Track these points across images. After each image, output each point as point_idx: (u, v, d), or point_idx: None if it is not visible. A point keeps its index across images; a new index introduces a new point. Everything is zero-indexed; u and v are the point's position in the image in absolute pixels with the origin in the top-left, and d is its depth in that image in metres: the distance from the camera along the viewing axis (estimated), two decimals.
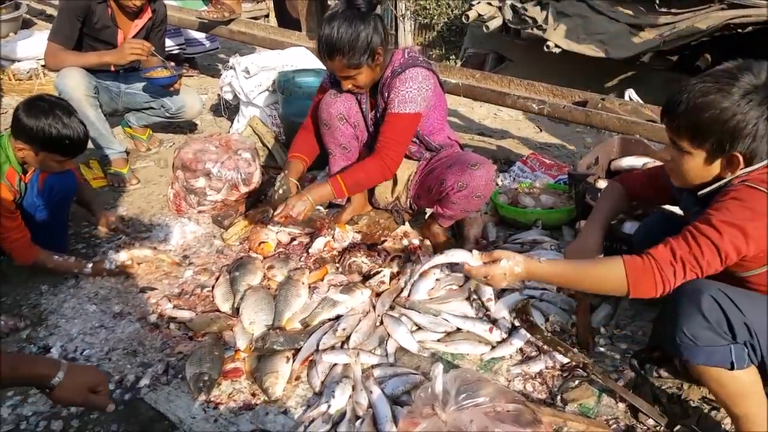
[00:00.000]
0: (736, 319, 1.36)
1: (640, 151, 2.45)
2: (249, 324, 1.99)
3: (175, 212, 2.74)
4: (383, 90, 2.22)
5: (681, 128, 1.42)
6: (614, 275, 1.43)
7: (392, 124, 2.19)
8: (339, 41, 2.04)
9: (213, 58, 5.13)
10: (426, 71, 2.19)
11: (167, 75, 2.96)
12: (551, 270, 1.53)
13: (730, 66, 1.39)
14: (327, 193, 2.25)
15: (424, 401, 1.59)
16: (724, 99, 1.33)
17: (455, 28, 7.15)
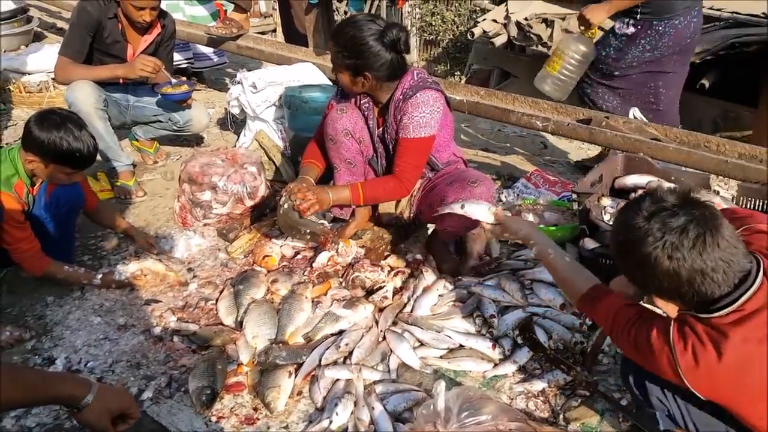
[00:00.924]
0: None
1: (644, 170, 2.46)
2: (252, 338, 2.00)
3: (181, 225, 2.76)
4: (395, 113, 2.26)
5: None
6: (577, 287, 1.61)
7: (409, 149, 2.24)
8: (343, 35, 2.14)
9: (220, 73, 5.19)
10: (436, 93, 2.23)
11: (181, 91, 3.01)
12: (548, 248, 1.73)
13: None
14: (345, 196, 2.30)
15: (426, 418, 1.59)
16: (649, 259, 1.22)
17: (460, 45, 7.22)
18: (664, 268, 1.19)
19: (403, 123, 2.22)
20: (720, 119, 5.38)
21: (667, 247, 1.17)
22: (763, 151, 2.61)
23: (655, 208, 1.21)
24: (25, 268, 2.20)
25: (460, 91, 3.21)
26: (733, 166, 2.45)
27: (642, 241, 1.20)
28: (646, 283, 1.28)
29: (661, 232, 1.17)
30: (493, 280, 2.28)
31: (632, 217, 1.22)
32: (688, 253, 1.16)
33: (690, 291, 1.21)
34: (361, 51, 2.11)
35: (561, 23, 5.22)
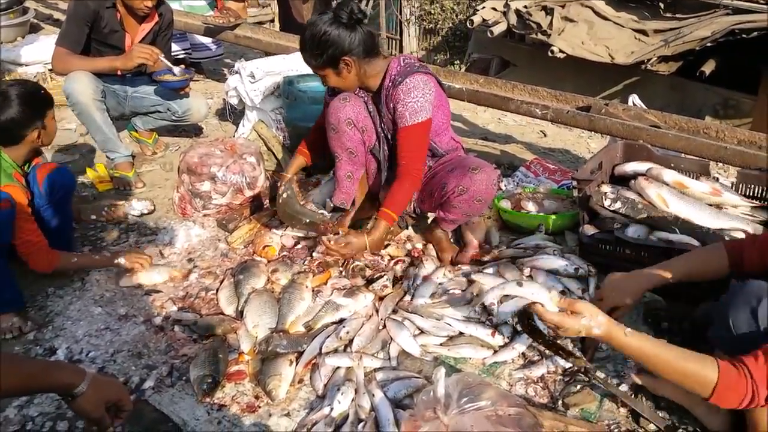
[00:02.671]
0: None
1: (644, 157, 2.46)
2: (253, 327, 2.01)
3: (181, 216, 2.76)
4: (387, 101, 2.26)
5: None
6: (702, 378, 1.29)
7: (409, 137, 2.24)
8: (304, 41, 2.16)
9: (219, 63, 5.16)
10: (424, 75, 2.23)
11: (179, 79, 3.00)
12: (634, 345, 1.37)
13: None
14: (384, 229, 2.29)
15: (426, 405, 1.60)
16: None
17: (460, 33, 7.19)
18: None
19: (398, 112, 2.21)
20: (720, 107, 5.37)
21: None
22: (762, 137, 2.60)
23: None
24: (34, 265, 2.12)
25: (459, 79, 3.20)
26: (732, 152, 2.45)
27: None
28: None
29: None
30: (493, 268, 2.29)
31: None
32: None
33: None
34: (326, 41, 2.13)
35: (561, 11, 5.19)
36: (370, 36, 2.21)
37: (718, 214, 2.17)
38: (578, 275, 2.18)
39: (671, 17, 5.24)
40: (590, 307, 1.41)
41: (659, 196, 2.16)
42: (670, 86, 5.43)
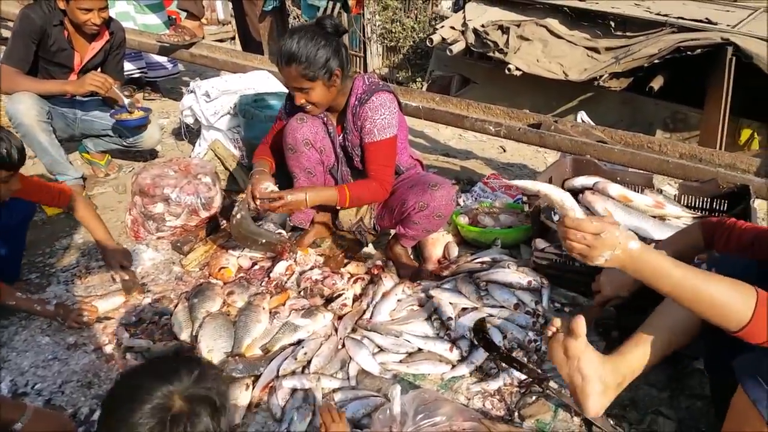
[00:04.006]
0: None
1: (591, 171, 2.55)
2: (207, 352, 1.97)
3: (133, 239, 2.70)
4: (354, 119, 2.28)
5: None
6: (742, 299, 1.18)
7: (377, 152, 2.27)
8: (298, 50, 2.09)
9: (176, 81, 5.11)
10: (389, 95, 2.28)
11: (137, 117, 2.97)
12: (670, 265, 1.23)
13: None
14: (329, 196, 2.27)
15: (383, 423, 1.60)
16: None
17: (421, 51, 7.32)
18: None
19: (366, 128, 2.24)
20: (670, 121, 5.60)
21: None
22: (703, 150, 2.73)
23: None
24: None
25: (416, 97, 3.26)
26: (674, 165, 2.56)
27: None
28: None
29: None
30: (451, 283, 2.32)
31: None
32: None
33: None
34: (325, 51, 2.11)
35: (516, 30, 5.34)
36: (346, 49, 2.24)
37: (661, 225, 2.26)
38: (531, 288, 2.23)
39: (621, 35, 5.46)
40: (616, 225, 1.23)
41: (605, 209, 2.24)
42: (622, 101, 5.64)
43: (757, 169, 2.59)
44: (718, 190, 2.41)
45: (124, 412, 1.03)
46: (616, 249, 1.22)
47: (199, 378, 1.10)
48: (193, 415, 1.05)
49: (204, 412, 1.07)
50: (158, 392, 1.05)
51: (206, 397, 1.09)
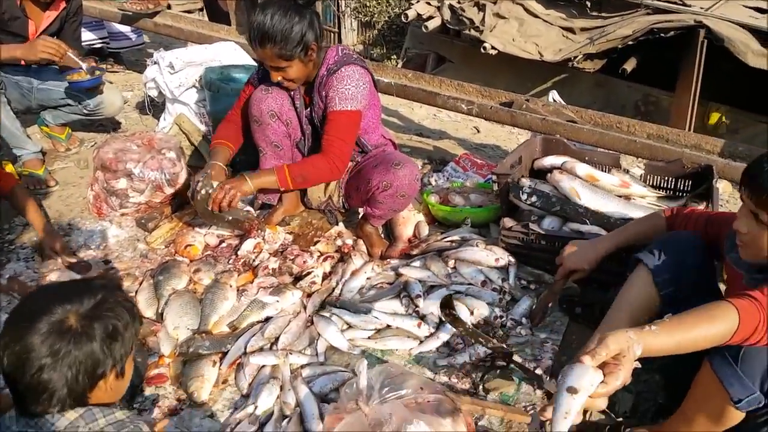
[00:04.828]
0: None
1: (561, 151, 2.57)
2: (173, 329, 1.95)
3: (96, 215, 2.62)
4: (320, 89, 2.21)
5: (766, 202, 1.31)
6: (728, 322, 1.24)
7: (335, 121, 2.19)
8: (272, 29, 2.02)
9: (141, 53, 4.93)
10: (361, 69, 2.21)
11: (90, 78, 2.83)
12: (667, 340, 1.25)
13: None
14: (270, 181, 2.21)
15: (350, 396, 1.61)
16: None
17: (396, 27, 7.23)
18: None
19: (329, 97, 2.18)
20: (641, 103, 5.69)
21: None
22: (669, 130, 2.78)
23: None
24: None
25: (389, 73, 3.22)
26: (641, 145, 2.60)
27: None
28: None
29: None
30: (420, 261, 2.33)
31: None
32: None
33: None
34: (301, 27, 2.05)
35: (493, 7, 5.31)
36: (318, 19, 2.15)
37: (626, 204, 2.30)
38: (499, 266, 2.25)
39: (597, 15, 5.48)
40: (613, 336, 1.22)
41: (572, 189, 2.27)
42: (596, 83, 5.70)
43: (721, 150, 2.65)
44: (683, 170, 2.46)
45: (23, 321, 1.10)
46: (630, 367, 1.23)
47: (100, 303, 1.15)
48: (84, 335, 1.10)
49: (97, 334, 1.11)
50: (58, 309, 1.11)
51: (102, 321, 1.13)
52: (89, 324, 1.12)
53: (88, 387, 1.13)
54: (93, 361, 1.11)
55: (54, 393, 1.08)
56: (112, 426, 1.12)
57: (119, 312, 1.17)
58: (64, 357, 1.08)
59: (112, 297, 1.19)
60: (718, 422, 1.38)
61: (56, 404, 1.09)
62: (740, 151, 2.59)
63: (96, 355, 1.12)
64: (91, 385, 1.13)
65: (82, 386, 1.11)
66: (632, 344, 1.19)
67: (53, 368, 1.08)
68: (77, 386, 1.10)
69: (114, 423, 1.12)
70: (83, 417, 1.11)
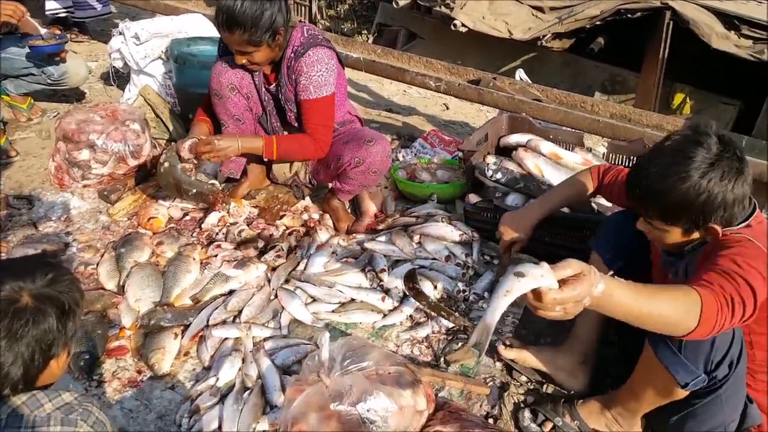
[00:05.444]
0: (729, 361, 1.31)
1: (526, 129, 2.60)
2: (135, 301, 1.94)
3: (58, 186, 2.57)
4: (288, 72, 2.20)
5: (648, 212, 1.39)
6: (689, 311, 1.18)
7: (315, 109, 2.21)
8: (241, 15, 1.98)
9: (106, 23, 4.77)
10: (328, 50, 2.20)
11: (52, 43, 2.75)
12: (629, 290, 1.15)
13: (681, 140, 1.33)
14: (256, 147, 2.23)
15: (311, 369, 1.64)
16: (684, 182, 1.28)
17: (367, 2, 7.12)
18: (720, 197, 1.29)
19: (302, 84, 2.17)
20: (608, 83, 5.76)
21: (726, 179, 1.30)
22: (632, 110, 2.83)
23: (715, 154, 1.29)
24: None
25: (357, 48, 3.20)
26: (604, 125, 2.65)
27: (705, 176, 1.29)
28: (681, 215, 1.34)
29: (721, 170, 1.29)
30: (385, 236, 2.35)
31: (692, 157, 1.29)
32: (740, 183, 1.31)
33: (726, 213, 1.32)
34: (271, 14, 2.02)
35: None
36: (286, 1, 2.13)
37: None
38: (462, 241, 2.29)
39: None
40: (580, 262, 1.13)
41: (536, 166, 2.31)
42: (564, 63, 5.74)
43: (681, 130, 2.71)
44: (644, 149, 2.51)
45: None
46: (585, 300, 1.11)
47: (52, 280, 1.12)
48: (38, 312, 1.07)
49: (51, 311, 1.09)
50: (8, 287, 1.07)
51: (56, 299, 1.11)
52: (44, 302, 1.09)
53: (42, 367, 1.09)
54: (48, 340, 1.08)
55: (8, 374, 1.04)
56: (59, 410, 1.06)
57: (72, 290, 1.15)
58: (21, 337, 1.04)
59: (63, 274, 1.16)
60: (665, 397, 1.44)
61: (8, 385, 1.04)
62: None
63: (51, 335, 1.08)
64: (45, 365, 1.09)
65: (36, 366, 1.07)
66: (594, 272, 1.11)
67: (8, 348, 1.03)
68: (32, 367, 1.06)
69: (62, 407, 1.07)
70: (26, 405, 1.05)
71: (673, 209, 1.34)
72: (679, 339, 1.29)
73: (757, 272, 1.23)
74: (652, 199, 1.35)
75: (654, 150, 1.38)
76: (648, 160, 1.37)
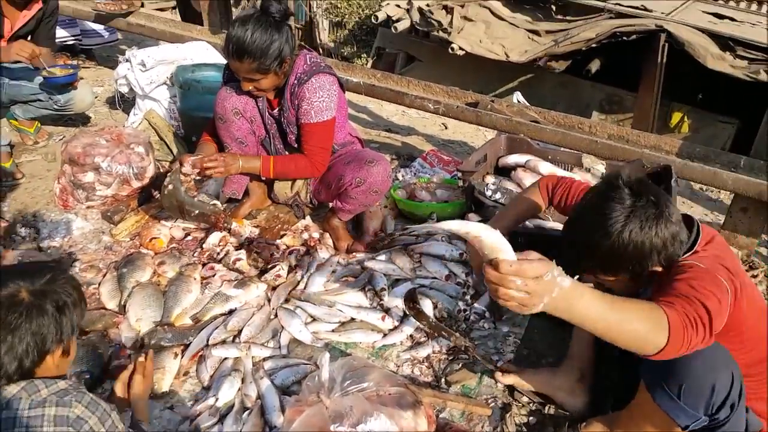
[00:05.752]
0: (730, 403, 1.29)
1: (524, 149, 2.64)
2: (136, 321, 1.95)
3: (62, 207, 2.60)
4: (291, 97, 2.26)
5: (588, 268, 1.41)
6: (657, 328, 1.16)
7: (314, 133, 2.26)
8: (251, 45, 2.04)
9: (113, 50, 4.88)
10: (330, 77, 2.26)
11: (66, 74, 2.85)
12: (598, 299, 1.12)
13: (596, 198, 1.35)
14: (254, 166, 2.30)
15: (311, 389, 1.63)
16: (607, 238, 1.29)
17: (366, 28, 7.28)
18: (648, 244, 1.31)
19: (303, 109, 2.23)
20: (605, 103, 5.83)
21: (646, 227, 1.30)
22: (630, 131, 2.87)
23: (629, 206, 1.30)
24: None
25: (358, 73, 3.26)
26: (602, 145, 2.68)
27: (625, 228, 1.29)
28: (619, 266, 1.35)
29: (639, 220, 1.30)
30: (385, 255, 2.36)
31: (608, 214, 1.30)
32: (662, 226, 1.31)
33: (664, 253, 1.34)
34: (279, 44, 2.08)
35: (460, 10, 5.39)
36: (291, 30, 2.20)
37: None
38: (462, 260, 2.30)
39: (562, 19, 5.61)
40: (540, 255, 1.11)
41: None
42: (561, 83, 5.82)
43: (678, 151, 2.74)
44: (643, 170, 2.54)
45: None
46: (554, 291, 1.05)
47: (51, 279, 1.21)
48: (33, 307, 1.15)
49: (46, 307, 1.16)
50: (11, 285, 1.17)
51: (52, 295, 1.19)
52: (41, 298, 1.16)
53: (36, 361, 1.16)
54: (42, 334, 1.15)
55: (2, 365, 1.11)
56: (55, 395, 1.14)
57: (68, 289, 1.22)
58: (15, 329, 1.12)
59: (62, 275, 1.24)
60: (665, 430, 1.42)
61: (3, 377, 1.12)
62: (697, 152, 2.68)
63: (46, 329, 1.16)
64: (39, 359, 1.16)
65: (30, 359, 1.14)
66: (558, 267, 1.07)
67: (4, 340, 1.11)
68: (26, 359, 1.14)
69: (57, 392, 1.15)
70: (25, 389, 1.13)
71: (608, 264, 1.36)
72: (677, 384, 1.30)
73: (712, 294, 1.26)
74: (586, 257, 1.38)
75: (576, 210, 1.40)
76: (572, 221, 1.39)
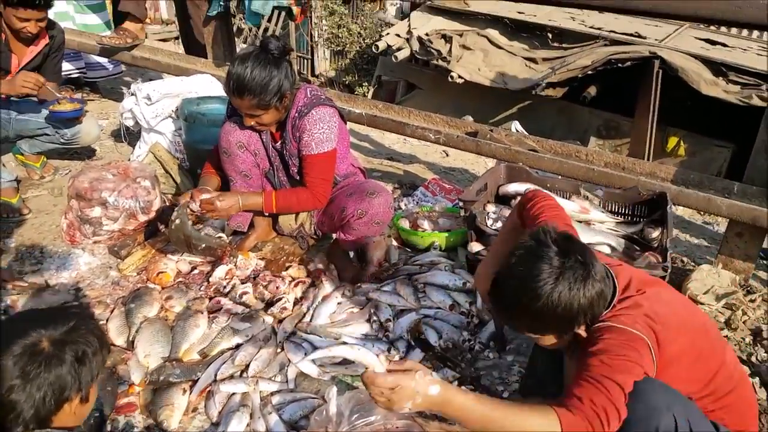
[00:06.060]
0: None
1: (524, 178, 2.68)
2: (144, 357, 1.96)
3: (69, 243, 2.63)
4: (293, 130, 2.31)
5: (516, 327, 1.46)
6: (547, 426, 1.23)
7: (315, 165, 2.30)
8: (251, 82, 2.10)
9: (117, 82, 4.96)
10: (330, 109, 2.31)
11: (72, 108, 2.90)
12: (473, 404, 1.27)
13: (524, 257, 1.34)
14: (257, 203, 2.33)
15: (319, 424, 1.65)
16: (537, 301, 1.30)
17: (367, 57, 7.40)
18: (576, 305, 1.32)
19: (304, 141, 2.27)
20: (603, 128, 5.92)
21: (574, 289, 1.31)
22: (626, 159, 2.91)
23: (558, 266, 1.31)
24: None
25: (360, 104, 3.32)
26: (598, 173, 2.73)
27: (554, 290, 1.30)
28: (547, 326, 1.38)
29: (568, 281, 1.31)
30: (390, 286, 2.39)
31: (537, 275, 1.31)
32: (590, 286, 1.33)
33: (588, 314, 1.36)
34: (278, 80, 2.13)
35: (459, 39, 5.52)
36: (291, 66, 2.26)
37: (586, 229, 2.41)
38: (466, 289, 2.33)
39: (558, 47, 5.74)
40: (419, 365, 1.35)
41: None
42: (558, 110, 5.92)
43: (674, 178, 2.79)
44: (639, 196, 2.59)
45: None
46: (416, 398, 1.28)
47: (72, 328, 1.21)
48: (53, 357, 1.16)
49: (66, 357, 1.17)
50: (32, 333, 1.17)
51: (73, 345, 1.19)
52: (60, 348, 1.18)
53: (53, 409, 1.17)
54: (61, 384, 1.16)
55: (21, 413, 1.12)
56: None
57: (89, 338, 1.23)
58: (34, 378, 1.14)
59: (84, 323, 1.25)
60: None
61: (20, 424, 1.13)
62: (692, 178, 2.72)
63: (64, 378, 1.17)
64: (57, 407, 1.17)
65: (48, 408, 1.16)
66: (425, 374, 1.28)
67: (23, 389, 1.13)
68: (43, 408, 1.15)
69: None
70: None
71: (536, 325, 1.38)
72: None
73: (627, 360, 1.28)
74: (514, 318, 1.41)
75: (504, 268, 1.38)
76: (500, 281, 1.38)
